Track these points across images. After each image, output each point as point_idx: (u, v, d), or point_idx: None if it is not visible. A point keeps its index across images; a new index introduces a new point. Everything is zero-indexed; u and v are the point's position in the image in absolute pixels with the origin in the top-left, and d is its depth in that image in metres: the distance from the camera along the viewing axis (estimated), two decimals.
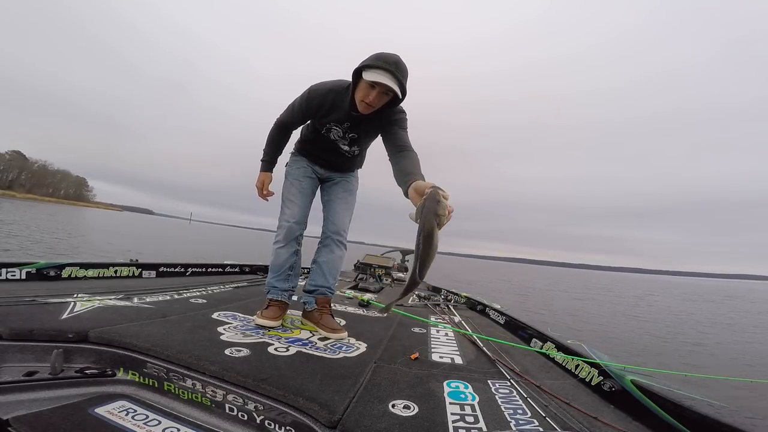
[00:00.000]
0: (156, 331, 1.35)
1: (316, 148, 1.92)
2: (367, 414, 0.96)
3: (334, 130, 1.77)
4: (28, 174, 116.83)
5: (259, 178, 1.89)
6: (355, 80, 1.55)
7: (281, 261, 1.87)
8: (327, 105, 1.67)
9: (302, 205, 1.91)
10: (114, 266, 2.55)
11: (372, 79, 1.46)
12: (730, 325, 10.00)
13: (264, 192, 1.91)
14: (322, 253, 1.95)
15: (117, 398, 1.09)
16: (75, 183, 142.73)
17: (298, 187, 1.91)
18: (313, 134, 1.87)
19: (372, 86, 1.49)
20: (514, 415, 1.04)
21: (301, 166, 1.96)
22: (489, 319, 2.67)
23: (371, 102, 1.52)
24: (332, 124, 1.74)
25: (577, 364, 1.49)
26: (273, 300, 1.83)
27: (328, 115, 1.71)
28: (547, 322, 7.29)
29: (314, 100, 1.68)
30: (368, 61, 1.49)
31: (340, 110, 1.67)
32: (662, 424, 1.02)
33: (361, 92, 1.53)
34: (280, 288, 1.86)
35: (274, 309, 1.79)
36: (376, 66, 1.46)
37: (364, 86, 1.51)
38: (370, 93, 1.50)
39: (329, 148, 1.87)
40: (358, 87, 1.54)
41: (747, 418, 0.90)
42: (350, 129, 1.75)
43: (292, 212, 1.87)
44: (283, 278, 1.88)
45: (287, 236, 1.87)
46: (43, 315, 1.38)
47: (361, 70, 1.49)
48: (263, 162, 1.90)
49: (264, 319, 1.70)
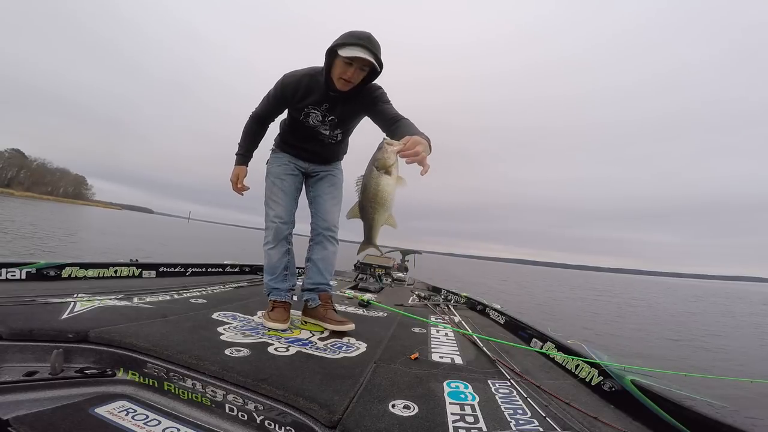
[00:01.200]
0: (156, 331, 1.35)
1: (296, 138, 1.88)
2: (367, 414, 0.96)
3: (312, 114, 1.73)
4: (27, 172, 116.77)
5: (234, 172, 1.87)
6: (330, 60, 1.55)
7: (275, 262, 1.85)
8: (302, 88, 1.67)
9: (286, 203, 1.88)
10: (114, 266, 2.55)
11: (349, 55, 1.47)
12: (730, 326, 10.01)
13: (238, 186, 1.88)
14: (315, 250, 1.94)
15: (117, 398, 1.09)
16: (74, 181, 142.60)
17: (281, 185, 1.88)
18: (293, 124, 1.84)
19: (349, 63, 1.51)
20: (514, 415, 1.04)
21: (282, 163, 1.91)
22: (489, 319, 2.67)
23: (349, 78, 1.54)
24: (310, 108, 1.72)
25: (577, 364, 1.49)
26: (277, 301, 1.80)
27: (305, 98, 1.69)
28: (546, 322, 7.30)
29: (289, 85, 1.67)
30: (341, 39, 1.50)
31: (316, 92, 1.67)
32: (662, 424, 1.02)
33: (338, 69, 1.55)
34: (281, 289, 1.84)
35: (280, 311, 1.76)
36: (351, 43, 1.48)
37: (340, 63, 1.52)
38: (348, 70, 1.52)
39: (310, 136, 1.84)
40: (334, 65, 1.55)
41: (747, 418, 0.90)
42: (329, 111, 1.73)
43: (276, 212, 1.85)
44: (281, 279, 1.86)
45: (276, 236, 1.84)
46: (43, 315, 1.38)
47: (335, 49, 1.50)
48: (238, 155, 1.87)
49: (273, 322, 1.69)
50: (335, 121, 1.77)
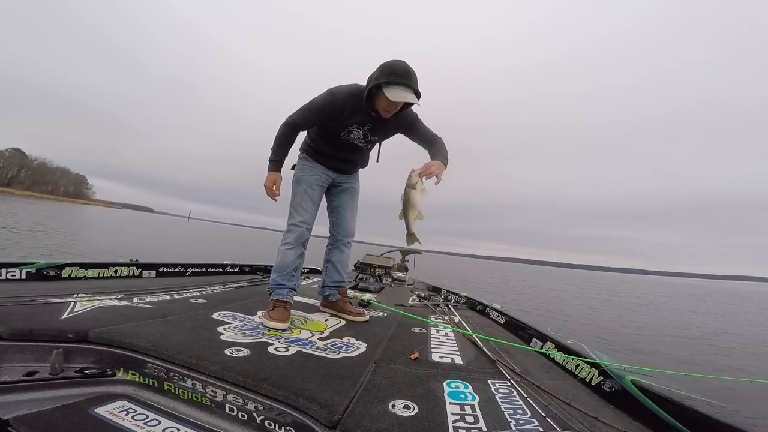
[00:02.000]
0: (156, 331, 1.35)
1: (331, 148, 1.98)
2: (367, 414, 0.96)
3: (355, 132, 1.88)
4: (27, 171, 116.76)
5: (270, 178, 1.85)
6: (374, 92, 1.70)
7: (288, 261, 1.93)
8: (349, 107, 1.78)
9: (313, 212, 2.01)
10: (114, 266, 2.54)
11: (395, 99, 1.63)
12: (730, 325, 10.01)
13: (276, 192, 1.87)
14: (334, 253, 2.21)
15: (117, 398, 1.09)
16: (74, 180, 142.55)
17: (311, 194, 1.99)
18: (330, 137, 1.93)
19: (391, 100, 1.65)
20: (514, 415, 1.04)
21: (315, 173, 2.01)
22: (489, 319, 2.67)
23: (393, 110, 1.76)
24: (354, 126, 1.85)
25: (577, 364, 1.49)
26: (278, 301, 1.83)
27: (351, 117, 1.81)
28: (555, 321, 7.30)
29: (337, 103, 1.76)
30: (385, 76, 1.63)
31: (361, 113, 1.80)
32: (662, 424, 1.02)
33: (383, 103, 1.72)
34: (286, 286, 1.90)
35: (281, 310, 1.78)
36: (395, 83, 1.62)
37: (384, 98, 1.67)
38: (391, 104, 1.71)
39: (347, 147, 1.96)
40: (379, 98, 1.71)
41: (747, 418, 0.90)
42: (370, 131, 1.89)
43: (305, 218, 1.96)
44: (288, 277, 1.92)
45: (297, 239, 1.96)
46: (43, 315, 1.38)
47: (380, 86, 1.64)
48: (274, 162, 1.86)
49: (274, 321, 1.70)
50: (375, 140, 1.97)
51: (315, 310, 2.21)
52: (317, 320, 1.93)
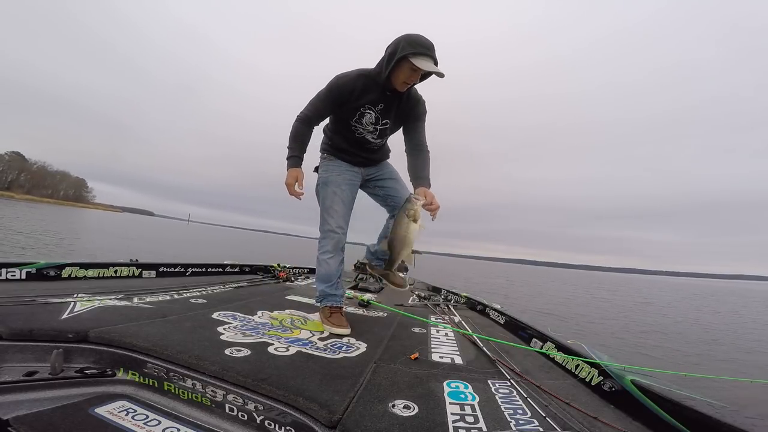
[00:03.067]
0: (156, 331, 1.35)
1: (347, 143, 1.92)
2: (367, 414, 0.96)
3: (367, 114, 1.79)
4: (27, 175, 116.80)
5: (291, 175, 1.73)
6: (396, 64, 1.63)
7: (333, 271, 1.89)
8: (359, 88, 1.73)
9: (345, 213, 1.93)
10: (114, 266, 2.55)
11: (425, 68, 1.59)
12: (730, 325, 10.00)
13: (298, 189, 1.75)
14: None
15: (117, 398, 1.09)
16: (74, 184, 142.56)
17: (341, 195, 1.91)
18: (341, 129, 1.88)
19: (415, 70, 1.62)
20: (514, 415, 1.04)
21: (342, 171, 1.95)
22: (489, 319, 2.67)
23: (412, 82, 1.70)
24: (366, 107, 1.77)
25: (577, 364, 1.49)
26: (333, 307, 1.86)
27: (361, 98, 1.75)
28: (545, 322, 7.28)
29: (345, 84, 1.72)
30: (411, 47, 1.60)
31: (373, 91, 1.74)
32: (662, 424, 1.02)
33: (404, 74, 1.65)
34: (337, 295, 1.90)
35: (338, 316, 1.82)
36: (422, 53, 1.59)
37: (407, 69, 1.63)
38: (413, 75, 1.65)
39: (357, 143, 1.91)
40: (401, 69, 1.64)
41: (747, 418, 0.90)
42: (383, 113, 1.81)
43: (338, 223, 1.89)
44: (335, 287, 1.91)
45: (336, 246, 1.89)
46: (43, 315, 1.38)
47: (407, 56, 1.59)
48: (293, 158, 1.76)
49: (338, 327, 1.74)
50: (387, 125, 1.85)
51: (315, 310, 2.21)
52: (317, 320, 1.93)
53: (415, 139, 1.87)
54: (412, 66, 1.60)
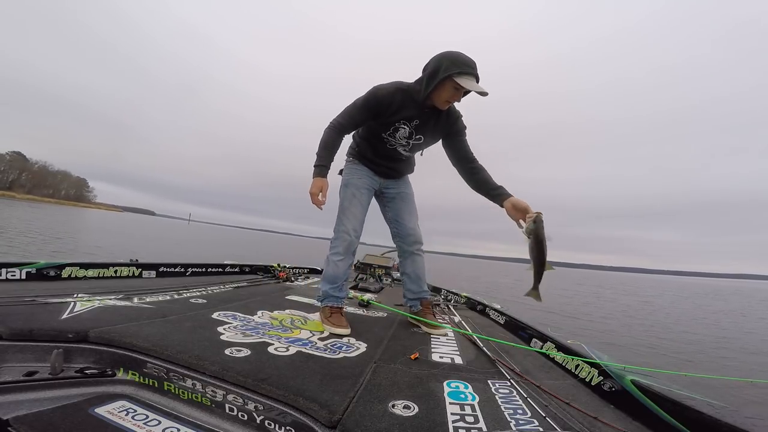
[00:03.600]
0: (156, 331, 1.35)
1: (375, 154, 1.95)
2: (367, 414, 0.96)
3: (401, 129, 1.80)
4: (28, 175, 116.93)
5: (316, 184, 1.72)
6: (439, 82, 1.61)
7: (340, 273, 1.93)
8: (396, 102, 1.72)
9: (361, 217, 1.96)
10: (114, 266, 2.55)
11: (467, 86, 1.58)
12: (730, 324, 9.99)
13: (322, 199, 1.74)
14: (407, 264, 2.14)
15: (117, 398, 1.09)
16: (75, 184, 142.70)
17: (360, 198, 1.94)
18: (373, 139, 1.90)
19: (458, 88, 1.62)
20: (514, 415, 1.04)
21: (363, 176, 1.98)
22: (489, 319, 2.67)
23: (452, 101, 1.70)
24: (402, 122, 1.78)
25: (577, 364, 1.49)
26: (334, 307, 1.88)
27: (398, 112, 1.75)
28: (546, 322, 7.27)
29: (384, 98, 1.71)
30: (456, 66, 1.58)
31: (410, 107, 1.74)
32: (662, 424, 1.02)
33: (447, 93, 1.65)
34: (339, 297, 1.93)
35: (339, 316, 1.84)
36: (467, 72, 1.59)
37: (450, 88, 1.63)
38: (456, 94, 1.66)
39: (387, 155, 1.93)
40: (444, 88, 1.64)
41: (747, 418, 0.90)
42: (417, 129, 1.81)
43: (353, 225, 1.92)
44: (339, 289, 1.94)
45: (347, 249, 1.92)
46: (43, 315, 1.38)
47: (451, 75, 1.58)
48: (320, 167, 1.74)
49: (338, 327, 1.74)
50: (420, 140, 1.86)
51: (315, 310, 2.21)
52: (317, 320, 1.93)
53: (466, 155, 1.86)
54: (455, 85, 1.59)
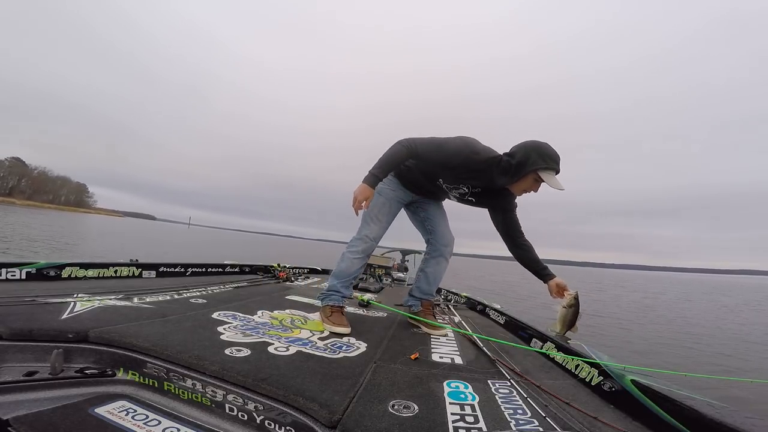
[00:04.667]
0: (156, 331, 1.35)
1: (419, 185, 2.00)
2: (367, 414, 0.96)
3: (461, 189, 1.85)
4: (28, 181, 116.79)
5: (364, 192, 1.71)
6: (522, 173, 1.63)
7: (353, 270, 1.95)
8: (477, 170, 1.71)
9: (386, 227, 2.02)
10: (114, 266, 2.55)
11: (549, 183, 1.60)
12: (730, 324, 9.99)
13: (364, 206, 1.74)
14: (431, 264, 2.13)
15: (117, 398, 1.09)
16: (75, 189, 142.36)
17: (389, 208, 1.99)
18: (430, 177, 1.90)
19: (537, 180, 1.64)
20: (514, 415, 1.04)
21: (396, 189, 2.02)
22: (489, 319, 2.68)
23: (530, 191, 1.72)
24: (465, 186, 1.82)
25: (577, 364, 1.49)
26: (334, 306, 1.88)
27: (471, 178, 1.76)
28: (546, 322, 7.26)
29: (473, 161, 1.69)
30: (543, 162, 1.59)
31: (484, 178, 1.74)
32: (662, 424, 1.02)
33: (526, 185, 1.68)
34: (344, 294, 1.93)
35: (339, 315, 1.84)
36: (552, 169, 1.61)
37: (531, 181, 1.65)
38: (535, 186, 1.67)
39: (432, 192, 1.99)
40: (525, 180, 1.66)
41: (747, 418, 0.90)
42: (475, 195, 1.85)
43: (377, 233, 1.98)
44: (347, 285, 1.96)
45: (366, 251, 1.97)
46: (43, 315, 1.38)
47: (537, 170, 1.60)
48: (375, 176, 1.72)
49: (338, 326, 1.75)
50: (472, 202, 1.92)
51: (315, 309, 2.21)
52: (317, 320, 1.93)
53: (516, 230, 1.89)
54: (537, 177, 1.62)
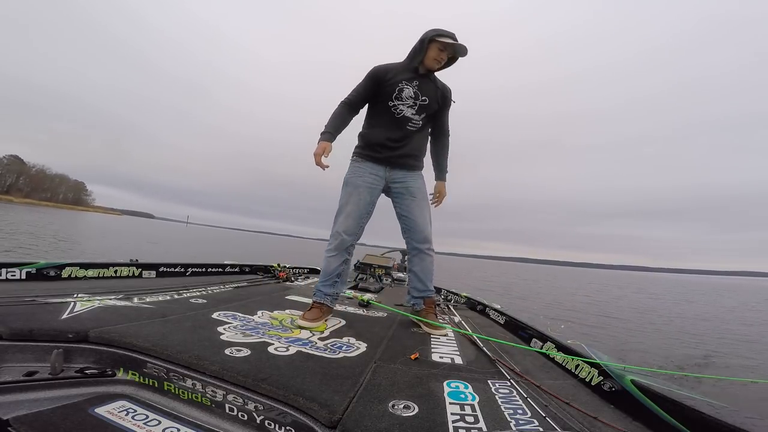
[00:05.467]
0: (156, 331, 1.35)
1: (382, 127, 2.00)
2: (367, 414, 0.96)
3: (406, 89, 1.95)
4: (26, 178, 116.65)
5: (320, 146, 1.89)
6: (426, 46, 1.90)
7: (331, 269, 1.99)
8: (394, 69, 1.96)
9: (357, 216, 1.99)
10: (114, 266, 2.55)
11: (448, 43, 1.87)
12: (730, 324, 9.99)
13: (323, 160, 1.88)
14: (415, 262, 2.14)
15: (117, 398, 1.09)
16: (73, 187, 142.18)
17: (356, 199, 1.98)
18: (381, 113, 1.98)
19: (442, 49, 1.90)
20: (514, 415, 1.04)
21: (364, 174, 2.01)
22: (489, 319, 2.68)
23: (441, 60, 1.93)
24: (404, 83, 1.95)
25: (577, 364, 1.49)
26: (316, 302, 1.94)
27: (398, 76, 1.95)
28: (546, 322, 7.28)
29: (382, 67, 1.96)
30: (436, 32, 1.89)
31: (407, 72, 1.97)
32: (662, 424, 1.02)
33: (433, 53, 1.91)
34: (324, 292, 1.97)
35: (315, 311, 1.88)
36: (446, 34, 1.89)
37: (435, 49, 1.90)
38: (441, 54, 1.91)
39: (397, 127, 1.98)
40: (430, 49, 1.91)
41: (747, 418, 0.90)
42: (420, 89, 1.97)
43: (346, 225, 1.97)
44: (329, 284, 1.99)
45: (339, 247, 1.98)
46: (43, 315, 1.38)
47: (434, 37, 1.88)
48: (325, 133, 1.92)
49: (305, 320, 1.80)
50: (426, 101, 1.99)
51: None
52: None
53: (443, 125, 2.13)
54: (439, 46, 1.88)
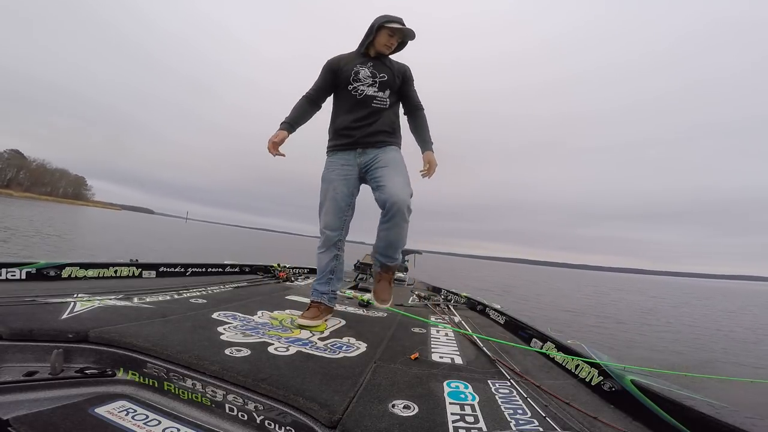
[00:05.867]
0: (156, 331, 1.35)
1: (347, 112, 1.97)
2: (367, 414, 0.96)
3: (362, 71, 1.95)
4: (26, 173, 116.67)
5: (276, 134, 1.91)
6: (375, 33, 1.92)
7: (322, 265, 2.01)
8: (346, 57, 2.00)
9: (336, 211, 1.96)
10: (114, 266, 2.55)
11: (395, 27, 1.89)
12: (730, 325, 10.01)
13: (275, 149, 1.90)
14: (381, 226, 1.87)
15: (117, 398, 1.09)
16: (73, 182, 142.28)
17: (333, 194, 1.96)
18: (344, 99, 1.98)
19: (392, 34, 1.91)
20: (514, 415, 1.04)
21: (336, 166, 1.99)
22: (489, 319, 2.68)
23: (391, 45, 1.95)
24: (359, 66, 1.95)
25: (577, 364, 1.49)
26: (313, 302, 1.96)
27: (352, 61, 1.97)
28: (547, 321, 7.27)
29: (334, 59, 1.99)
30: (385, 18, 1.91)
31: (359, 57, 1.99)
32: (662, 424, 1.02)
33: (383, 39, 1.93)
34: (320, 291, 1.98)
35: (313, 310, 1.90)
36: (393, 20, 1.90)
37: (385, 35, 1.92)
38: (390, 39, 1.93)
39: (361, 103, 1.94)
40: (380, 36, 1.92)
41: (747, 418, 0.90)
42: (376, 68, 1.97)
43: (326, 221, 1.98)
44: (324, 281, 1.99)
45: (326, 243, 2.00)
46: (43, 315, 1.38)
47: (383, 24, 1.89)
48: (283, 123, 1.95)
49: (304, 319, 1.81)
50: (385, 77, 1.97)
51: None
52: None
53: (412, 99, 2.09)
54: (388, 31, 1.90)
